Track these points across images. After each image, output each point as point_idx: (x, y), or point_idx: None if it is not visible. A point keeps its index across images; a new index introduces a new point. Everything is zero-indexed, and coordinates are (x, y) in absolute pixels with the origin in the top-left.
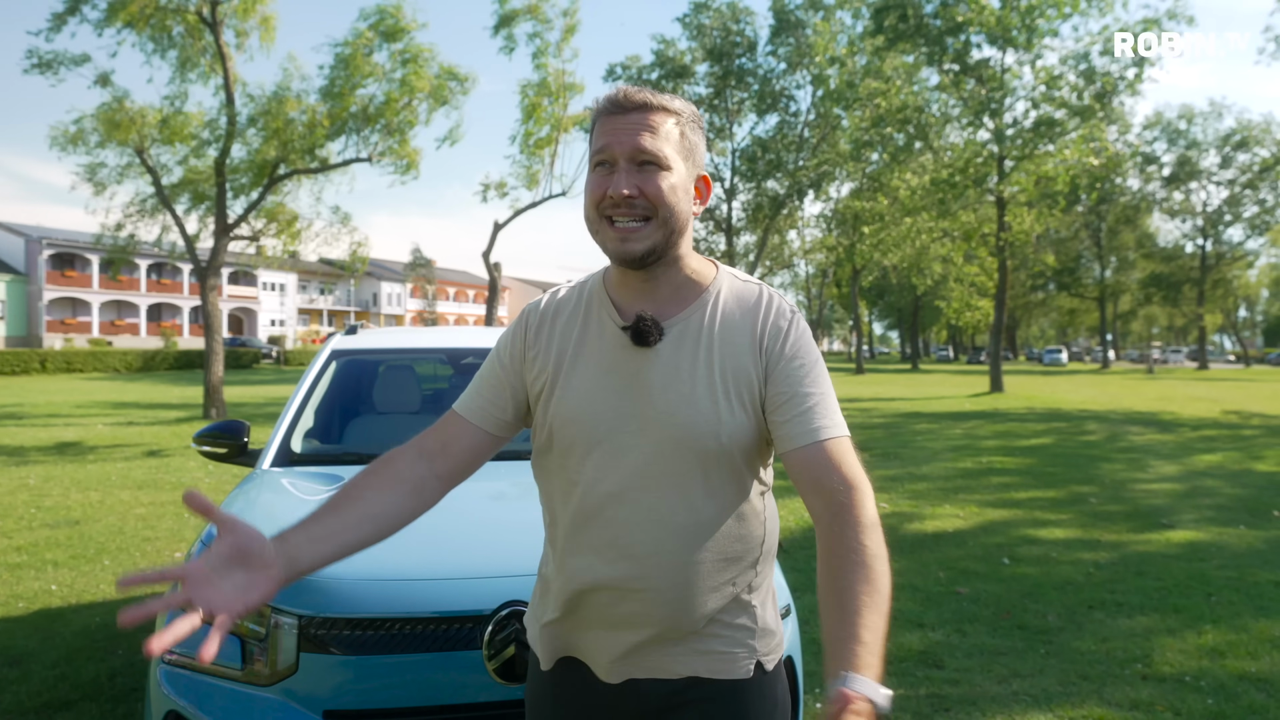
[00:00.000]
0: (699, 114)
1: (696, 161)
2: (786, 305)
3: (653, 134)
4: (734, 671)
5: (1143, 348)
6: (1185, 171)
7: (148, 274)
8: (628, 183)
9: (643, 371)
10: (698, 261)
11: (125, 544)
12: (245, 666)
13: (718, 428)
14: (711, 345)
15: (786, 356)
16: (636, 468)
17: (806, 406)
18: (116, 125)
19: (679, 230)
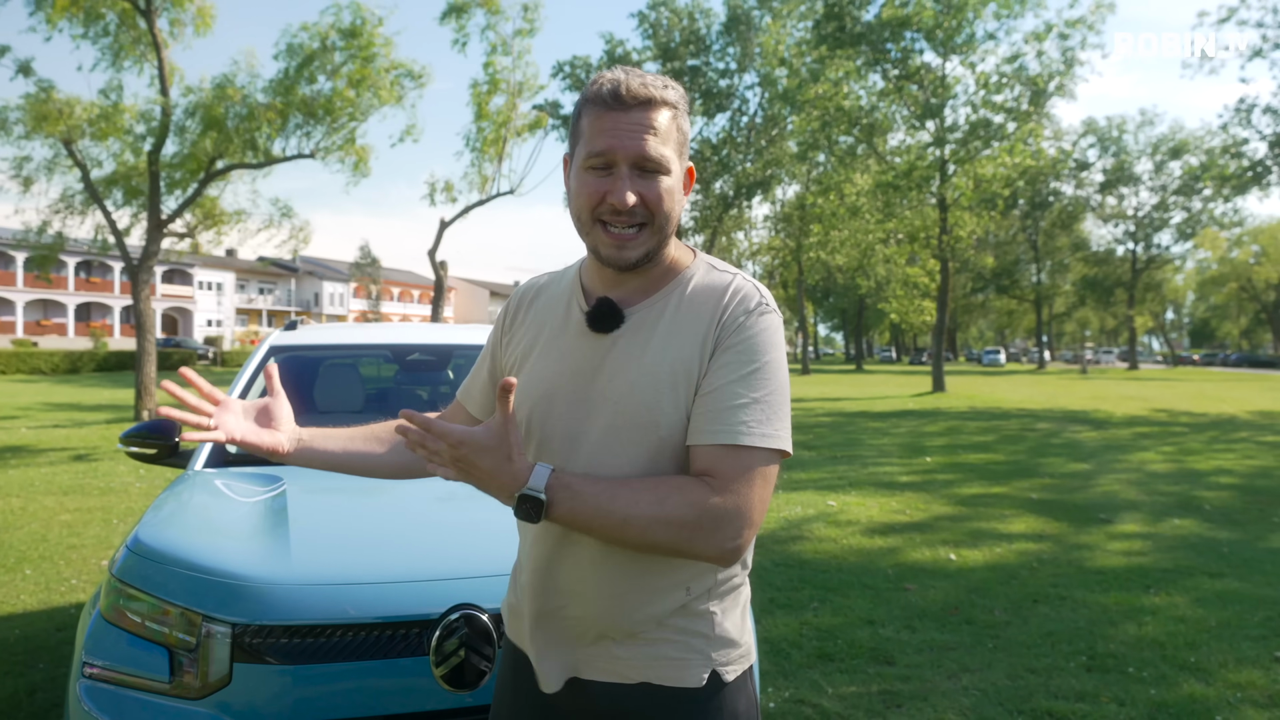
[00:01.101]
0: (685, 93)
1: (685, 153)
2: (755, 299)
3: (656, 135)
4: (685, 679)
5: (1076, 349)
6: (1118, 177)
7: (76, 272)
8: (631, 190)
9: (600, 358)
10: (676, 251)
11: (49, 552)
12: (174, 679)
13: (658, 418)
14: (667, 334)
15: (732, 348)
16: (587, 456)
17: (733, 404)
18: (44, 117)
19: (673, 229)
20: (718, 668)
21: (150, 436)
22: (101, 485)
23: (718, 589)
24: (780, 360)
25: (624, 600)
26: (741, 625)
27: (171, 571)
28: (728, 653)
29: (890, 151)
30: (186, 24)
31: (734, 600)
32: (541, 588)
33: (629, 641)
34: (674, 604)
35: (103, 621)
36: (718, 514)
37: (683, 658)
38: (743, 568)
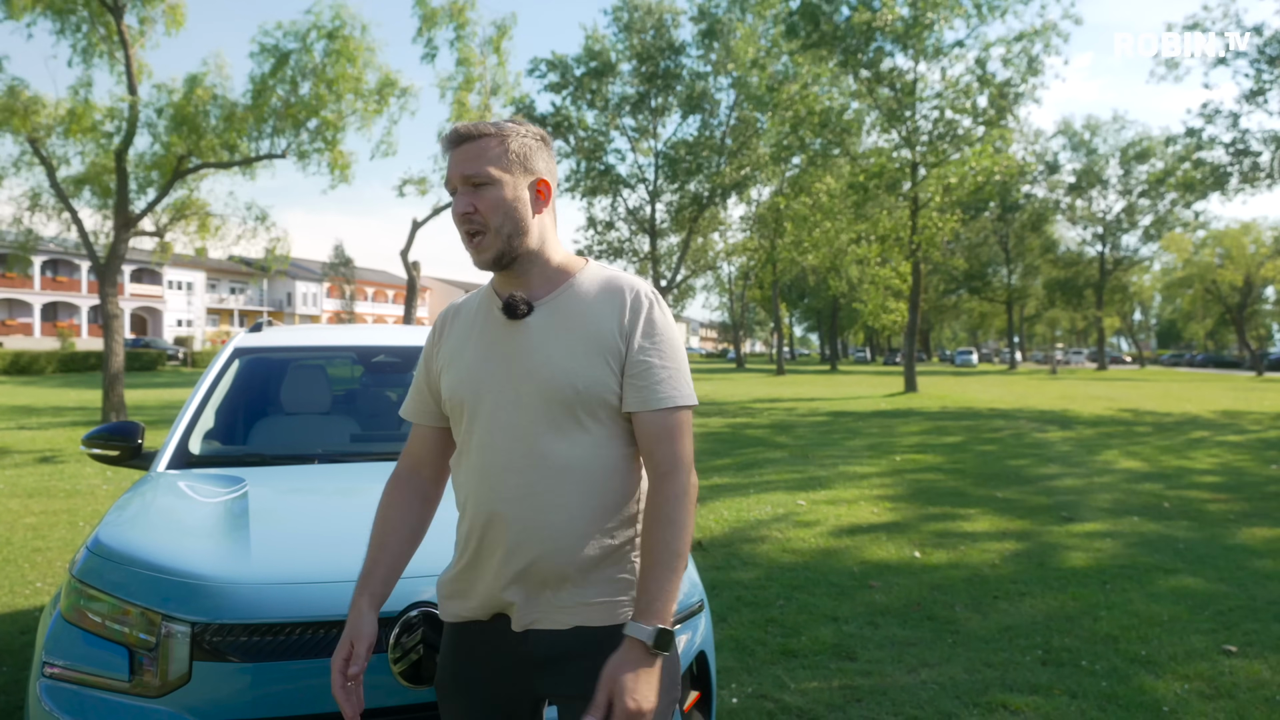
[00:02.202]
0: (535, 130)
1: (530, 169)
2: (647, 288)
3: (476, 159)
4: (613, 619)
5: (1047, 349)
6: (1088, 180)
7: (42, 271)
8: (464, 203)
9: (517, 340)
10: (564, 256)
11: (12, 555)
12: (134, 678)
13: (574, 378)
14: (579, 314)
15: (643, 331)
16: (511, 420)
17: (653, 378)
18: (11, 113)
19: (517, 232)
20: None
21: (113, 438)
22: (67, 488)
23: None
24: (675, 336)
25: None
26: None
27: (131, 572)
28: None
29: (861, 154)
30: (156, 21)
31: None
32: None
33: (562, 587)
34: (603, 550)
35: (63, 622)
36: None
37: (608, 600)
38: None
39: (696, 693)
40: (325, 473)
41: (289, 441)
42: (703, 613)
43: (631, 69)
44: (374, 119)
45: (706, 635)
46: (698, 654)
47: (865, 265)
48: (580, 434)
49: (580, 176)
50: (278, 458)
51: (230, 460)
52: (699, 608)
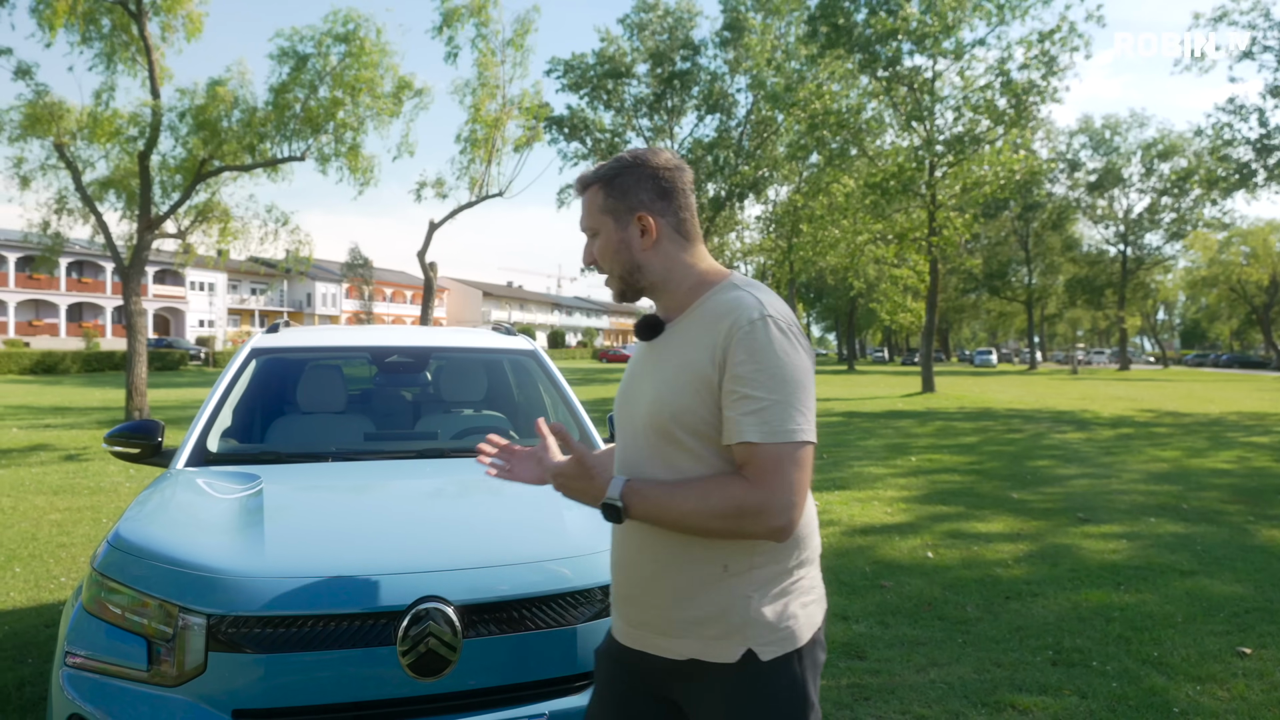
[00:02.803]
0: (625, 162)
1: (632, 206)
2: (753, 314)
3: (586, 211)
4: (721, 655)
5: (1068, 349)
6: (1109, 179)
7: (68, 272)
8: (587, 253)
9: (648, 361)
10: (699, 277)
11: (38, 550)
12: (151, 667)
13: (669, 406)
14: (685, 341)
15: (740, 360)
16: (632, 445)
17: (743, 410)
18: (37, 119)
19: (629, 272)
20: (754, 647)
21: (134, 436)
22: (91, 485)
23: (756, 572)
24: (788, 363)
25: (667, 569)
26: (783, 612)
27: (150, 565)
28: (764, 634)
29: (879, 154)
30: (177, 28)
31: (776, 587)
32: (617, 563)
33: (677, 612)
34: (712, 579)
35: (84, 613)
36: (753, 505)
37: (721, 636)
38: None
39: None
40: (339, 470)
41: (304, 440)
42: None
43: (647, 70)
44: (390, 120)
45: None
46: None
47: (883, 265)
48: (684, 459)
49: None
50: (293, 456)
51: (247, 458)
52: None
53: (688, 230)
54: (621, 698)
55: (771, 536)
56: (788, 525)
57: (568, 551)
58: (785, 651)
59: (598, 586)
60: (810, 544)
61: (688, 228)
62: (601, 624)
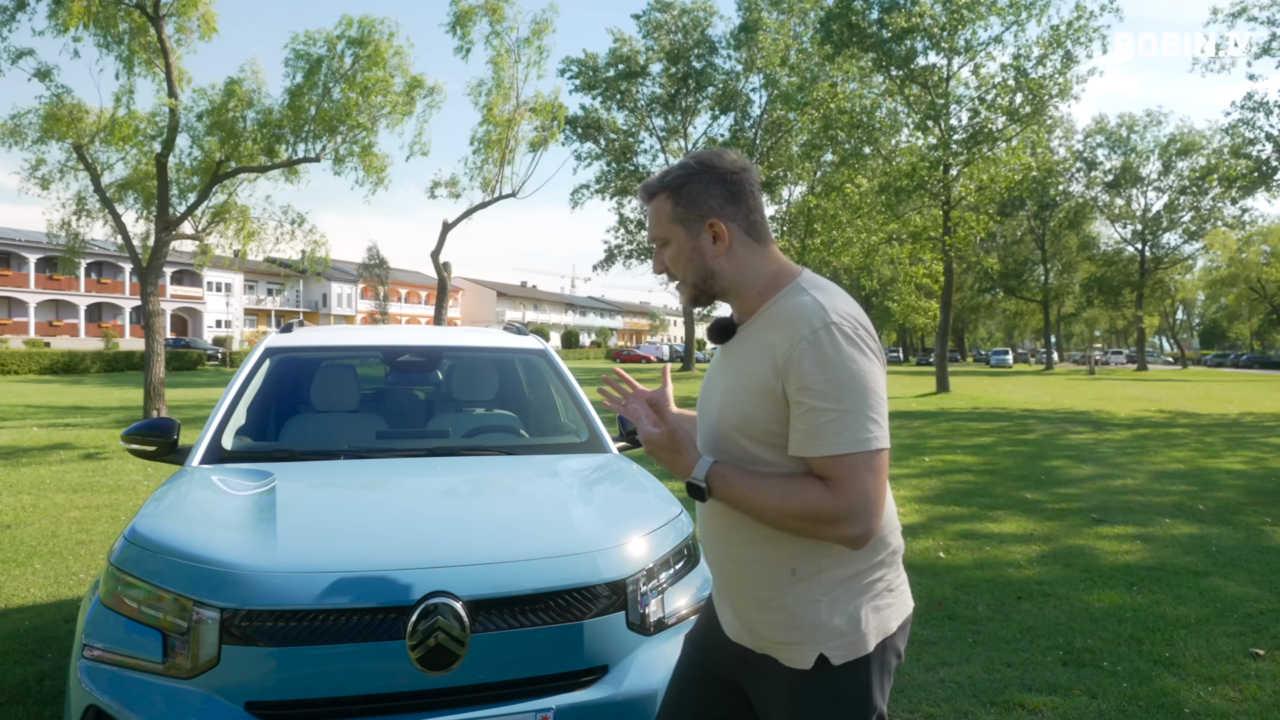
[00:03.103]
0: (690, 168)
1: (703, 213)
2: (815, 323)
3: (655, 221)
4: (795, 660)
5: (1085, 349)
6: (1126, 177)
7: (87, 273)
8: (658, 262)
9: (721, 364)
10: (769, 279)
11: (58, 548)
12: (166, 660)
13: (734, 413)
14: (751, 347)
15: (806, 370)
16: (707, 448)
17: (811, 422)
18: (56, 121)
19: (702, 279)
20: (825, 651)
21: (150, 434)
22: (110, 483)
23: (825, 575)
24: (855, 370)
25: (741, 568)
26: (854, 616)
27: (166, 560)
28: (833, 639)
29: (894, 152)
30: (193, 30)
31: (848, 590)
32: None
33: (752, 611)
34: (780, 582)
35: (102, 607)
36: (829, 513)
37: (793, 641)
38: (870, 561)
39: None
40: (351, 468)
41: (317, 438)
42: None
43: (661, 69)
44: (403, 119)
45: None
46: None
47: (897, 265)
48: (754, 465)
49: (611, 177)
50: (306, 453)
51: (260, 455)
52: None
53: (759, 232)
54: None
55: (848, 544)
56: (864, 534)
57: (574, 548)
58: (856, 656)
59: (604, 583)
60: (889, 545)
61: (759, 230)
62: (609, 619)
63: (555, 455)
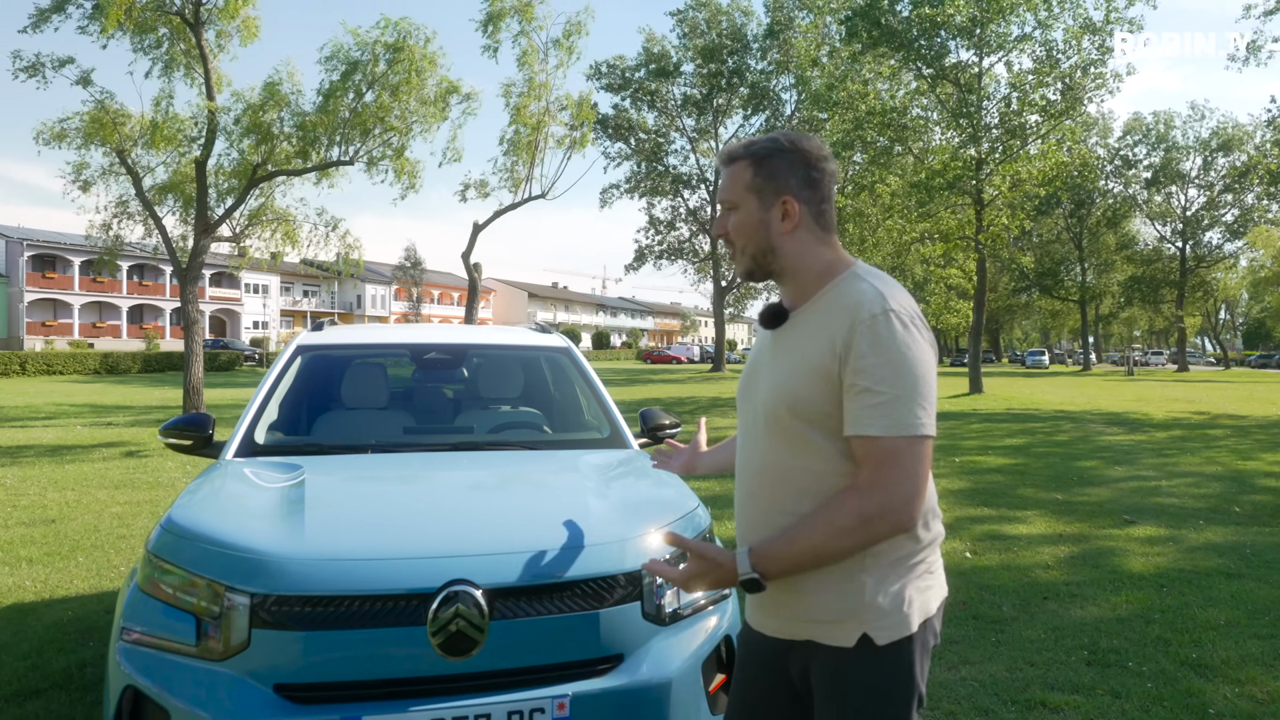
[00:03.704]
0: (779, 144)
1: (780, 189)
2: (875, 308)
3: (729, 184)
4: (838, 638)
5: (1124, 350)
6: (1166, 174)
7: (129, 275)
8: (720, 225)
9: (770, 348)
10: (826, 265)
11: (100, 542)
12: (200, 643)
13: (789, 395)
14: (809, 330)
15: (862, 353)
16: (750, 430)
17: (863, 403)
18: (99, 126)
19: (762, 252)
20: (868, 630)
21: (187, 429)
22: (150, 480)
23: (871, 559)
24: (910, 357)
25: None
26: (899, 596)
27: (200, 548)
28: (878, 619)
29: (924, 151)
30: (233, 35)
31: (893, 572)
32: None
33: (796, 593)
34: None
35: (139, 592)
36: (873, 509)
37: (837, 619)
38: (916, 545)
39: (723, 675)
40: (377, 461)
41: (346, 433)
42: (730, 599)
43: (694, 69)
44: (437, 124)
45: (734, 620)
46: (724, 638)
47: (930, 265)
48: (804, 447)
49: (641, 177)
50: (335, 448)
51: (291, 449)
52: (726, 594)
53: (826, 221)
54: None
55: (901, 532)
56: (911, 519)
57: (593, 539)
58: (900, 636)
59: (622, 573)
60: (931, 530)
61: (827, 219)
62: (625, 609)
63: (577, 450)
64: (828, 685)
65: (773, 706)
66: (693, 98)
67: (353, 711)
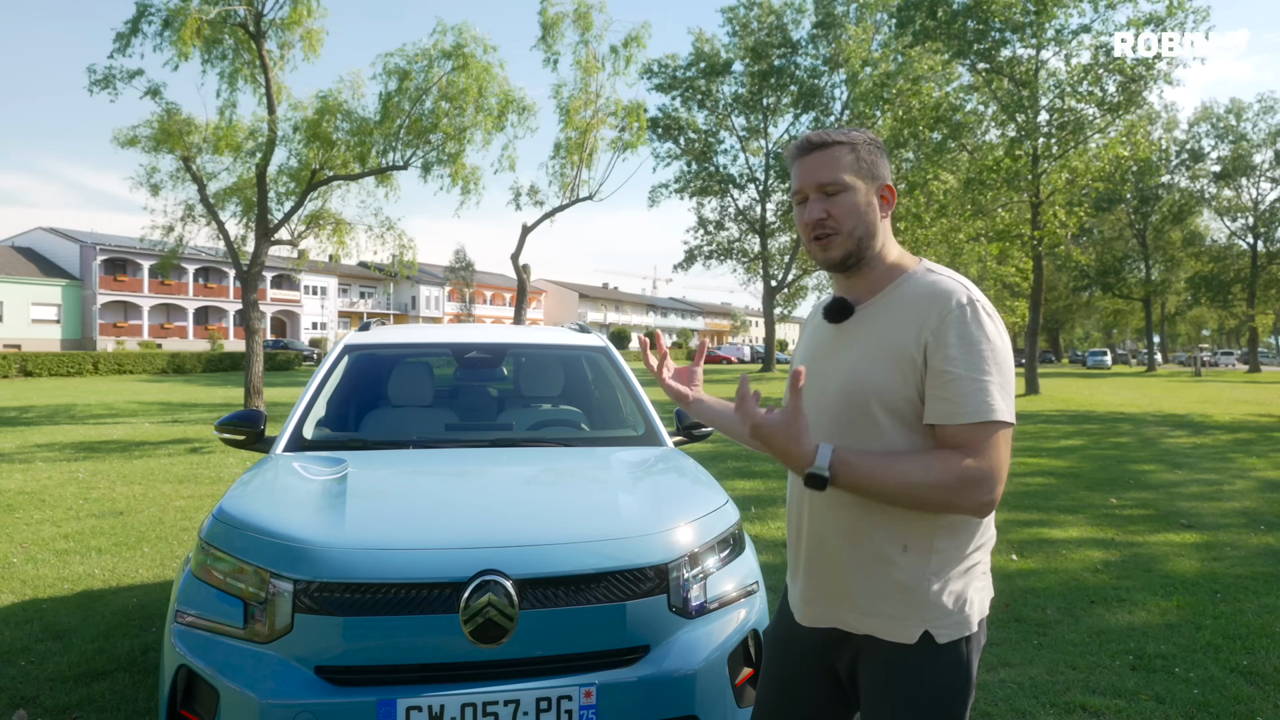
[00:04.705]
0: (874, 138)
1: (877, 176)
2: (965, 297)
3: (830, 167)
4: (899, 635)
5: (1191, 350)
6: (1236, 168)
7: (195, 278)
8: (818, 209)
9: (835, 343)
10: (896, 256)
11: (164, 533)
12: (247, 626)
13: (868, 384)
14: (889, 321)
15: (949, 342)
16: (818, 420)
17: (953, 391)
18: (167, 134)
19: (867, 236)
20: (930, 629)
21: (240, 425)
22: (212, 475)
23: (936, 556)
24: (996, 346)
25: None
26: (960, 596)
27: (248, 536)
28: (941, 618)
29: (977, 147)
30: (294, 45)
31: (956, 570)
32: (797, 536)
33: (858, 585)
34: (892, 558)
35: (193, 578)
36: (973, 475)
37: (899, 616)
38: (977, 544)
39: (750, 669)
40: (418, 457)
41: (389, 429)
42: (758, 593)
43: (744, 68)
44: (494, 135)
45: (761, 615)
46: (751, 632)
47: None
48: (877, 439)
49: (690, 177)
50: (379, 443)
51: (337, 445)
52: (754, 588)
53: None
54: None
55: (978, 511)
56: (993, 500)
57: (621, 533)
58: (960, 636)
59: (650, 566)
60: (989, 531)
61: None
62: (651, 601)
63: (611, 447)
64: (883, 681)
65: (810, 700)
66: (742, 96)
67: (388, 694)
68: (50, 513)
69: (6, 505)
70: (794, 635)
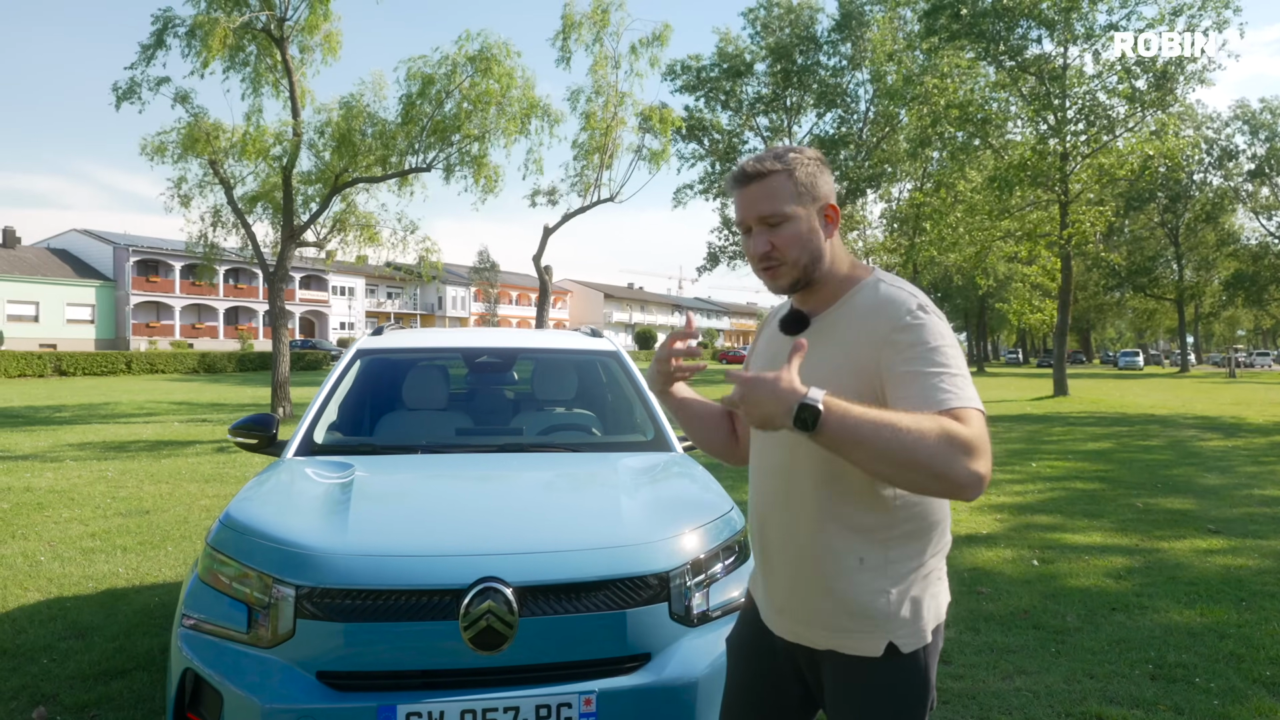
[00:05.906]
0: (814, 154)
1: (817, 197)
2: (914, 304)
3: (770, 198)
4: (864, 649)
5: (1226, 350)
6: (1272, 164)
7: (225, 279)
8: (762, 242)
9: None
10: (848, 268)
11: (189, 533)
12: (250, 631)
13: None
14: (844, 330)
15: (906, 345)
16: (773, 438)
17: (921, 385)
18: (194, 140)
19: (813, 260)
20: (895, 640)
21: (253, 429)
22: (238, 475)
23: (893, 566)
24: (952, 345)
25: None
26: (919, 604)
27: (253, 541)
28: (903, 628)
29: (1004, 145)
30: (314, 49)
31: (912, 580)
32: (761, 549)
33: (817, 602)
34: (848, 571)
35: (199, 582)
36: (962, 438)
37: (861, 631)
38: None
39: None
40: (424, 462)
41: (399, 433)
42: None
43: (766, 68)
44: (516, 138)
45: None
46: None
47: (1013, 263)
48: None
49: (714, 178)
50: (390, 448)
51: (347, 449)
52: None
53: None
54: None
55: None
56: (980, 475)
57: (623, 540)
58: (921, 645)
59: (652, 573)
60: (945, 538)
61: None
62: (653, 609)
63: (619, 453)
64: (847, 691)
65: (774, 700)
66: (765, 97)
67: (389, 699)
68: (79, 511)
69: (37, 504)
70: (760, 634)
